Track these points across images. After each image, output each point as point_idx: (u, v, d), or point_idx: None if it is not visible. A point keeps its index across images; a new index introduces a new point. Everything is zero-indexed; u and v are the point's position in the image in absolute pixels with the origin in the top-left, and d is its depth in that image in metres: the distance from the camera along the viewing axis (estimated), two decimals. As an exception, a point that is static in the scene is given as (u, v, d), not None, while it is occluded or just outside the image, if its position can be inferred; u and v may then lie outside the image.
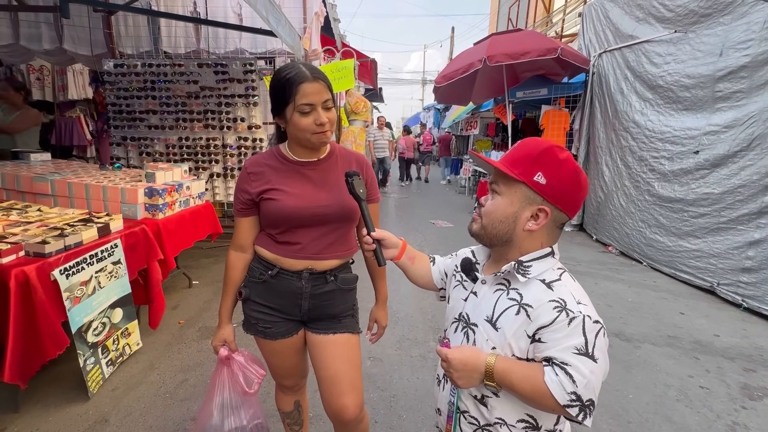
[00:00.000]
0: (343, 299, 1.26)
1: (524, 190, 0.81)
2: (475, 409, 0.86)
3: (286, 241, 1.19)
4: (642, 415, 1.98)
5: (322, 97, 1.09)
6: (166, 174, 2.80)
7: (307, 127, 1.09)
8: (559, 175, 0.80)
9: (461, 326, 0.91)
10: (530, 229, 0.81)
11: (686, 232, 3.90)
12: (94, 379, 1.99)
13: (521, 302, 0.79)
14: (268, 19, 2.74)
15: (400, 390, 2.12)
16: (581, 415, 0.71)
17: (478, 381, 0.79)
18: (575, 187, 0.81)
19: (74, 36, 4.40)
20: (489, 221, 0.85)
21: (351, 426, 1.23)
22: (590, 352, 0.72)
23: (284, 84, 1.08)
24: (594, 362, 0.71)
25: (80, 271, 1.89)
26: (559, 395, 0.70)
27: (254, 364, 1.29)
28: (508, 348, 0.79)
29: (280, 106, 1.12)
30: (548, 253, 0.83)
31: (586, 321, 0.73)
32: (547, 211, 0.80)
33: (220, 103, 4.12)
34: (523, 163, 0.81)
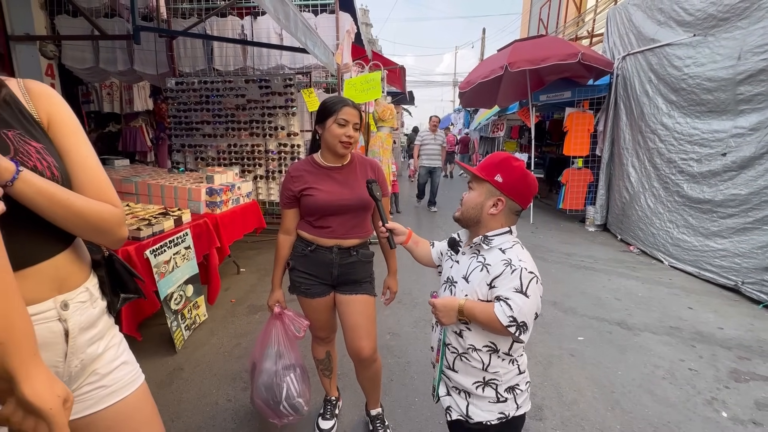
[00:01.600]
0: (363, 269, 1.68)
1: (488, 186, 1.17)
2: (456, 342, 1.23)
3: (320, 225, 1.62)
4: (626, 387, 2.25)
5: (354, 119, 1.55)
6: (221, 176, 3.34)
7: (339, 135, 1.53)
8: (512, 177, 1.16)
9: (447, 285, 1.28)
10: (492, 213, 1.17)
11: (713, 232, 3.98)
12: (178, 338, 2.54)
13: (484, 263, 1.16)
14: (306, 44, 3.22)
15: (413, 358, 2.50)
16: (518, 331, 1.05)
17: (455, 317, 1.15)
18: (523, 183, 1.17)
19: (143, 58, 5.13)
20: (465, 208, 1.23)
21: (367, 363, 1.65)
22: (524, 291, 1.06)
23: (334, 103, 1.55)
24: (526, 297, 1.06)
25: (163, 253, 2.43)
26: (502, 318, 1.05)
27: (299, 317, 1.72)
28: (475, 294, 1.16)
29: (325, 117, 1.56)
30: (506, 231, 1.19)
31: (523, 272, 1.08)
32: (503, 200, 1.16)
33: (263, 113, 4.69)
34: (488, 168, 1.19)
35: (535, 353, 2.56)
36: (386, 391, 2.16)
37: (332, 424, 1.87)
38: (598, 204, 6.10)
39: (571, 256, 4.77)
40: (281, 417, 1.67)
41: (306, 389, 1.70)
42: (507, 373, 1.18)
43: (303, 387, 1.69)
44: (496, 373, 1.18)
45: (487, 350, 1.18)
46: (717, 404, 2.13)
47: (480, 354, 1.18)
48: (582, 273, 4.19)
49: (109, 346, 0.91)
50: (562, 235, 5.78)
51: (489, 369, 1.18)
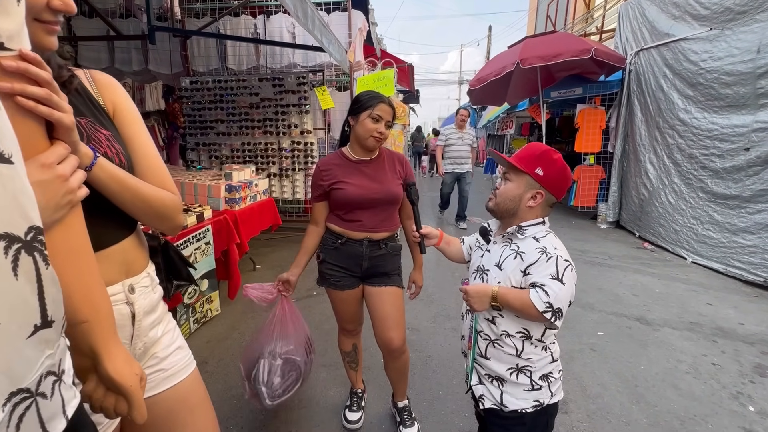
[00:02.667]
0: (392, 261, 1.70)
1: (528, 178, 1.17)
2: (488, 328, 1.24)
3: (350, 219, 1.64)
4: (649, 381, 2.24)
5: (388, 117, 1.57)
6: (239, 173, 3.37)
7: (372, 129, 1.55)
8: (553, 170, 1.17)
9: (478, 273, 1.29)
10: (530, 205, 1.18)
11: (741, 228, 3.91)
12: (183, 331, 2.55)
13: (518, 251, 1.17)
14: (321, 41, 3.24)
15: (434, 352, 2.51)
16: (553, 317, 1.06)
17: (488, 303, 1.15)
18: (562, 177, 1.18)
19: (157, 58, 5.18)
20: (501, 199, 1.23)
21: (396, 354, 1.66)
22: (560, 278, 1.07)
23: (371, 98, 1.56)
24: (562, 284, 1.07)
25: (185, 248, 2.46)
26: (538, 304, 1.06)
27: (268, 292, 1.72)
28: (508, 281, 1.17)
29: (359, 110, 1.57)
30: (540, 222, 1.20)
31: (558, 259, 1.09)
32: (543, 193, 1.17)
33: (277, 111, 4.72)
34: (528, 159, 1.19)
35: (556, 348, 2.56)
36: (410, 385, 2.16)
37: (359, 416, 1.89)
38: (610, 201, 6.06)
39: (585, 252, 4.75)
40: (246, 391, 1.69)
41: (278, 383, 1.61)
42: (540, 360, 1.19)
43: (272, 378, 1.61)
44: (530, 360, 1.19)
45: (521, 336, 1.18)
46: (743, 398, 2.12)
47: (513, 340, 1.19)
48: (597, 269, 4.18)
49: (166, 330, 0.93)
50: (574, 232, 5.76)
51: (522, 355, 1.19)
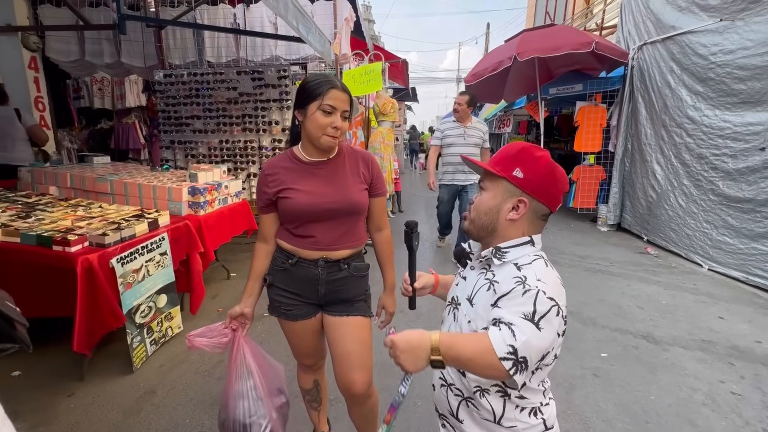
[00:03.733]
0: (355, 285, 1.39)
1: (505, 184, 0.91)
2: (459, 381, 0.94)
3: (301, 234, 1.33)
4: (662, 416, 1.95)
5: (343, 106, 1.25)
6: (207, 174, 3.06)
7: (324, 125, 1.23)
8: (535, 170, 0.89)
9: (451, 308, 1.00)
10: (512, 218, 0.90)
11: (760, 234, 3.62)
12: (138, 356, 2.25)
13: (492, 280, 0.88)
14: (298, 29, 2.92)
15: (416, 379, 2.18)
16: (513, 368, 0.74)
17: (424, 359, 0.79)
18: (550, 179, 0.90)
19: (130, 50, 4.86)
20: (476, 214, 0.95)
21: (360, 400, 1.36)
22: (536, 320, 0.76)
23: (317, 84, 1.23)
24: (537, 329, 0.76)
25: (133, 260, 2.15)
26: (498, 346, 0.74)
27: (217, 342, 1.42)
28: (480, 320, 0.87)
29: (307, 100, 1.25)
30: (527, 242, 0.90)
31: (539, 295, 0.78)
32: (526, 201, 0.89)
33: (257, 107, 4.40)
34: (504, 161, 0.93)
35: (555, 374, 2.27)
36: (385, 421, 1.88)
37: (321, 465, 1.59)
38: (611, 203, 5.78)
39: (585, 258, 4.47)
40: None
41: None
42: (528, 430, 0.89)
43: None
44: (513, 429, 0.89)
45: (498, 392, 0.89)
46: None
47: (489, 399, 0.89)
48: (598, 278, 3.89)
49: None
50: (573, 236, 5.47)
51: (503, 422, 0.89)
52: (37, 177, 3.08)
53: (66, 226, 2.19)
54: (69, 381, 2.15)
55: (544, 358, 0.81)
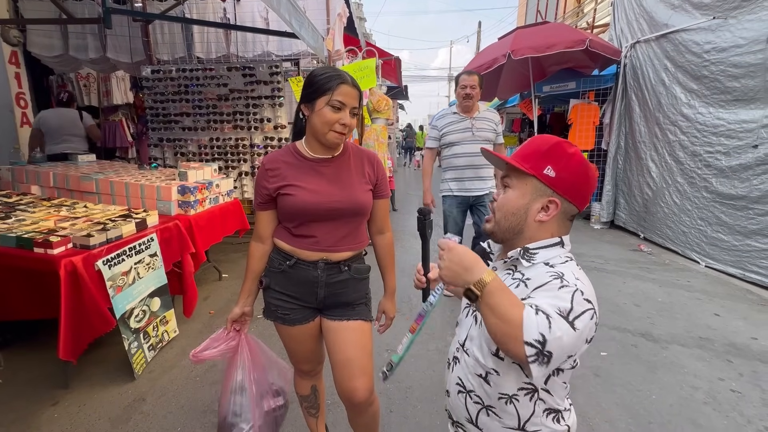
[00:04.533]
0: (356, 288, 1.33)
1: (535, 182, 0.84)
2: (480, 389, 0.89)
3: (301, 234, 1.27)
4: (664, 416, 1.93)
5: (353, 103, 1.19)
6: (197, 173, 2.97)
7: (332, 121, 1.17)
8: (568, 168, 0.83)
9: (472, 310, 0.95)
10: (541, 219, 0.84)
11: (754, 231, 3.63)
12: (138, 362, 2.17)
13: (522, 279, 0.83)
14: (290, 23, 2.85)
15: (416, 382, 2.17)
16: (534, 358, 0.68)
17: (463, 283, 0.74)
18: (583, 179, 0.84)
19: (116, 45, 4.71)
20: (502, 215, 0.88)
21: (361, 408, 1.30)
22: (570, 319, 0.70)
23: (327, 78, 1.17)
24: (572, 328, 0.69)
25: (121, 263, 2.06)
26: (528, 330, 0.68)
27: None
28: None
29: (315, 95, 1.18)
30: (557, 243, 0.84)
31: (576, 293, 0.72)
32: (557, 202, 0.83)
33: (248, 104, 4.30)
34: (534, 157, 0.85)
35: (555, 373, 2.24)
36: (386, 425, 1.83)
37: (320, 474, 1.53)
38: (604, 200, 5.80)
39: (580, 256, 4.46)
40: None
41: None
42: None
43: None
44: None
45: (526, 395, 0.84)
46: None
47: (517, 406, 0.85)
48: (594, 275, 3.88)
49: None
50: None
51: (528, 426, 0.85)
52: (18, 176, 2.95)
53: (48, 227, 2.09)
54: (53, 388, 2.05)
55: (566, 360, 0.75)
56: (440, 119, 3.07)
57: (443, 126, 3.03)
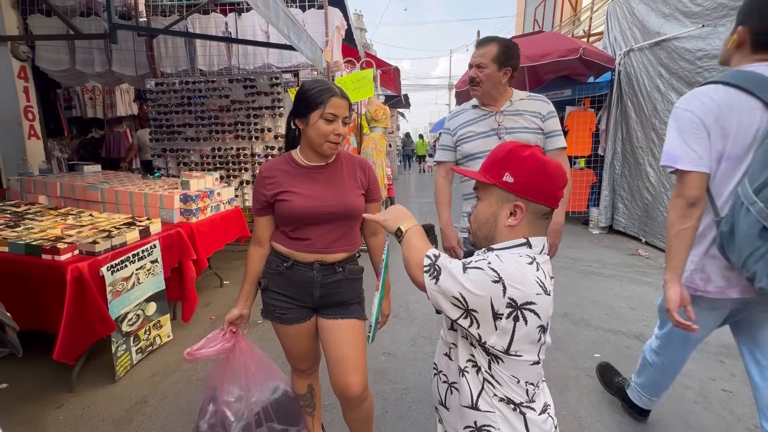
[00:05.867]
0: (350, 288, 1.40)
1: (497, 191, 0.90)
2: (447, 367, 0.96)
3: (297, 237, 1.34)
4: (654, 415, 1.96)
5: (344, 113, 1.27)
6: (199, 182, 3.06)
7: (327, 133, 1.25)
8: (524, 171, 0.87)
9: None
10: (510, 224, 0.89)
11: None
12: (122, 364, 2.22)
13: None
14: (289, 36, 2.95)
15: (411, 383, 2.21)
16: (428, 269, 0.88)
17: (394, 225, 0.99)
18: (542, 177, 0.88)
19: (121, 59, 4.85)
20: (476, 225, 0.95)
21: (355, 403, 1.35)
22: (466, 263, 0.85)
23: (318, 92, 1.25)
24: (462, 269, 0.84)
25: (123, 268, 2.13)
26: (430, 252, 0.90)
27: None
28: None
29: (308, 109, 1.26)
30: (521, 243, 0.88)
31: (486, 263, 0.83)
32: (522, 206, 0.87)
33: (249, 115, 4.41)
34: (492, 166, 0.92)
35: (549, 375, 2.27)
36: (381, 426, 1.87)
37: (316, 472, 1.58)
38: (602, 205, 5.85)
39: (578, 261, 4.51)
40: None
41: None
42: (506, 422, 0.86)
43: None
44: (490, 419, 0.86)
45: (473, 366, 0.89)
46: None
47: (468, 378, 0.89)
48: (591, 279, 3.92)
49: None
50: (565, 238, 5.47)
51: (480, 405, 0.87)
52: (26, 186, 3.04)
53: (55, 235, 2.17)
54: (58, 392, 2.11)
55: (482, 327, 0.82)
56: (454, 118, 1.95)
57: (458, 127, 1.89)
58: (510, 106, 1.80)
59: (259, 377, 1.41)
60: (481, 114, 1.83)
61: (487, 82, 1.74)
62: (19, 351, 0.73)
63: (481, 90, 1.79)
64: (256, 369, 1.41)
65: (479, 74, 1.75)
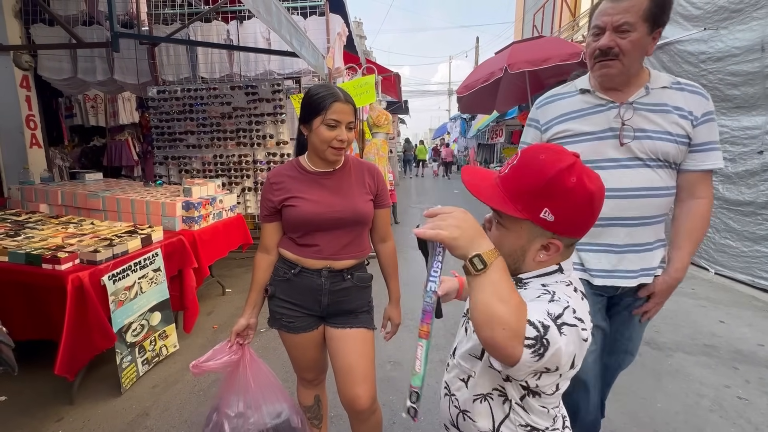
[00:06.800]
0: (359, 296, 1.36)
1: (530, 226, 0.75)
2: (459, 392, 0.89)
3: (305, 243, 1.31)
4: (670, 424, 1.91)
5: (347, 118, 1.24)
6: (201, 189, 3.03)
7: (329, 139, 1.23)
8: (568, 208, 0.72)
9: (464, 320, 0.95)
10: (541, 260, 0.77)
11: (762, 236, 3.65)
12: (127, 376, 2.17)
13: None
14: (291, 43, 2.95)
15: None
16: (533, 342, 0.63)
17: (470, 247, 0.67)
18: (587, 215, 0.74)
19: (123, 67, 4.86)
20: None
21: (364, 416, 1.31)
22: (558, 323, 0.66)
23: (320, 98, 1.23)
24: (559, 332, 0.65)
25: (125, 277, 2.10)
26: (534, 312, 0.66)
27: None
28: None
29: (311, 115, 1.25)
30: (554, 270, 0.78)
31: (568, 309, 0.69)
32: (559, 245, 0.75)
33: (251, 121, 4.40)
34: (527, 197, 0.73)
35: (559, 383, 2.23)
36: (388, 438, 1.82)
37: (323, 487, 1.53)
38: (605, 209, 5.81)
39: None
40: None
41: None
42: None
43: None
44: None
45: (499, 395, 0.81)
46: (781, 443, 1.80)
47: (490, 402, 0.82)
48: (597, 284, 3.87)
49: None
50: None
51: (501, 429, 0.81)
52: (27, 195, 3.02)
53: (56, 244, 2.14)
54: (58, 405, 2.06)
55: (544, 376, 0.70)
56: (548, 105, 1.35)
57: (553, 121, 1.31)
58: (645, 95, 1.18)
59: (261, 397, 1.37)
60: (596, 104, 1.22)
61: (631, 53, 1.12)
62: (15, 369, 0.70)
63: (618, 68, 1.14)
64: (260, 387, 1.37)
65: (621, 42, 1.11)
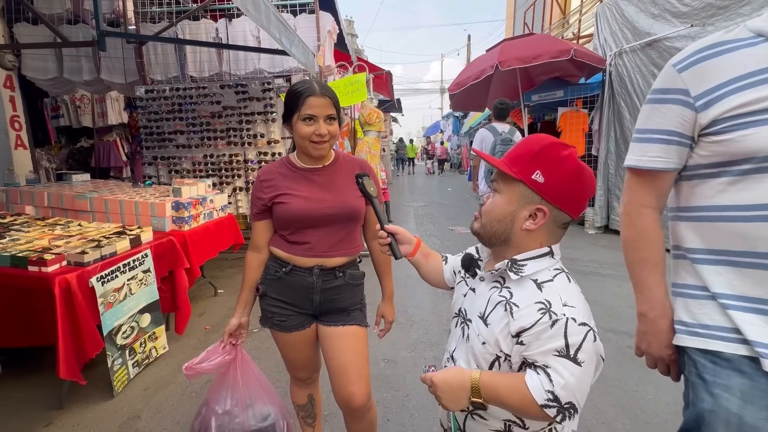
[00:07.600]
0: (351, 293, 1.35)
1: (522, 188, 0.80)
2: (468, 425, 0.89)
3: (296, 240, 1.30)
4: (661, 415, 1.94)
5: (325, 111, 1.22)
6: (191, 189, 3.00)
7: (307, 134, 1.21)
8: (559, 173, 0.77)
9: (459, 321, 0.93)
10: (528, 228, 0.80)
11: None
12: (119, 379, 2.15)
13: (509, 300, 0.80)
14: (281, 41, 2.92)
15: (413, 390, 2.16)
16: (560, 416, 0.70)
17: (466, 399, 0.77)
18: (576, 185, 0.79)
19: (110, 66, 4.78)
20: (487, 219, 0.85)
21: (359, 414, 1.31)
22: (572, 355, 0.70)
23: (296, 94, 1.22)
24: (577, 365, 0.70)
25: (114, 279, 2.07)
26: (537, 394, 0.71)
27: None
28: (496, 344, 0.79)
29: (290, 113, 1.25)
30: (545, 253, 0.81)
31: (569, 324, 0.71)
32: (545, 210, 0.78)
33: (241, 121, 4.36)
34: (522, 160, 0.80)
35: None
36: (382, 436, 1.82)
37: (317, 485, 1.52)
38: (597, 205, 5.87)
39: (575, 261, 4.50)
40: None
41: None
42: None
43: None
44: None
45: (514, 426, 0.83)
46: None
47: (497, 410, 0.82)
48: (589, 279, 3.91)
49: None
50: (562, 239, 5.51)
51: (513, 429, 0.82)
52: (12, 197, 2.96)
53: (43, 246, 2.10)
54: (47, 409, 2.02)
55: None
56: (707, 62, 0.79)
57: (726, 89, 0.75)
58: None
59: (249, 399, 1.36)
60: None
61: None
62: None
63: None
64: (248, 389, 1.36)
65: None
